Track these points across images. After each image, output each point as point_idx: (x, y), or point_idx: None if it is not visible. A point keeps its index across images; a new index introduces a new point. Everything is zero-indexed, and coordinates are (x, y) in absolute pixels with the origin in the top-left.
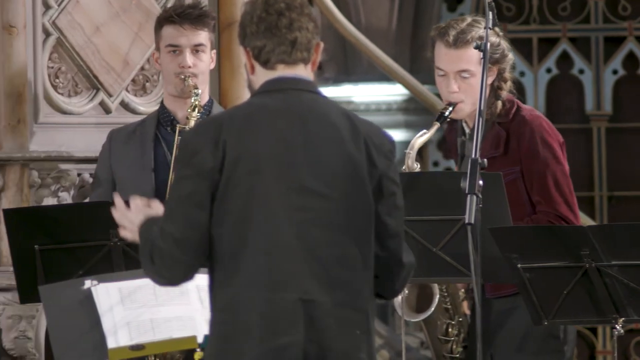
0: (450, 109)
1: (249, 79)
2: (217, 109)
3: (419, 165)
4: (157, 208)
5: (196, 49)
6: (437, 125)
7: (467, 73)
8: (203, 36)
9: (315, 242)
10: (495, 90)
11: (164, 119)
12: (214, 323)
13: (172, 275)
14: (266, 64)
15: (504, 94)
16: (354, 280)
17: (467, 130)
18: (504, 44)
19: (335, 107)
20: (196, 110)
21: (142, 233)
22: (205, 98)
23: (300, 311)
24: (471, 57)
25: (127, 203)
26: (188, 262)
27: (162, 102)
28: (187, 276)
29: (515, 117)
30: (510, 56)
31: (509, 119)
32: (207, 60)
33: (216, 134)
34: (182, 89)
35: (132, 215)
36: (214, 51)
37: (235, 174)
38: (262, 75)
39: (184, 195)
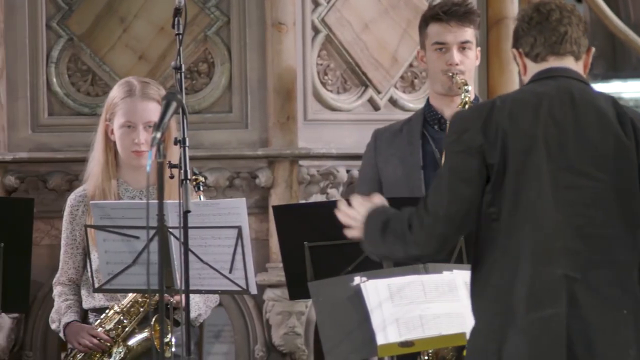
0: None
1: (521, 81)
2: None
3: None
4: (379, 200)
5: (462, 46)
6: None
7: None
8: (469, 33)
9: (583, 221)
10: None
11: (430, 117)
12: (486, 297)
13: (428, 245)
14: (537, 57)
15: None
16: (620, 260)
17: None
18: None
19: (603, 95)
20: (466, 106)
21: (372, 219)
22: (471, 95)
23: (564, 286)
24: None
25: (389, 200)
26: (447, 234)
27: (427, 101)
28: (443, 247)
29: None
30: None
31: None
32: (473, 58)
33: (487, 115)
34: (449, 86)
35: (354, 212)
36: (479, 48)
37: (507, 154)
38: (534, 71)
39: (451, 169)
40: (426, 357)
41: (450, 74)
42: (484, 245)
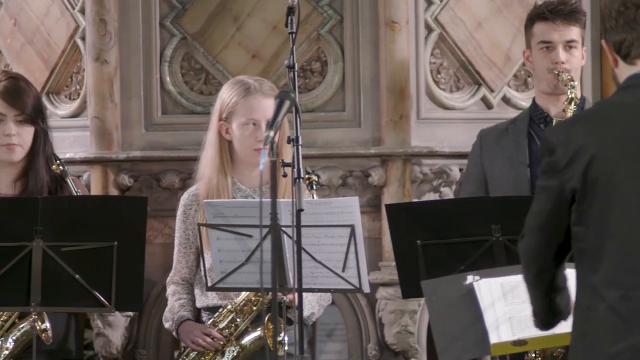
0: None
1: (613, 72)
2: (588, 107)
3: None
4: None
5: (568, 45)
6: None
7: None
8: (575, 32)
9: None
10: None
11: (536, 116)
12: (577, 319)
13: (531, 261)
14: (626, 58)
15: None
16: None
17: None
18: None
19: None
20: (572, 103)
21: None
22: (577, 93)
23: None
24: None
25: (501, 199)
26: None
27: (533, 100)
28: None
29: None
30: None
31: None
32: (578, 57)
33: (571, 133)
34: (555, 85)
35: None
36: (585, 48)
37: (590, 173)
38: (625, 70)
39: (541, 188)
40: (533, 355)
41: (556, 72)
42: (576, 263)
